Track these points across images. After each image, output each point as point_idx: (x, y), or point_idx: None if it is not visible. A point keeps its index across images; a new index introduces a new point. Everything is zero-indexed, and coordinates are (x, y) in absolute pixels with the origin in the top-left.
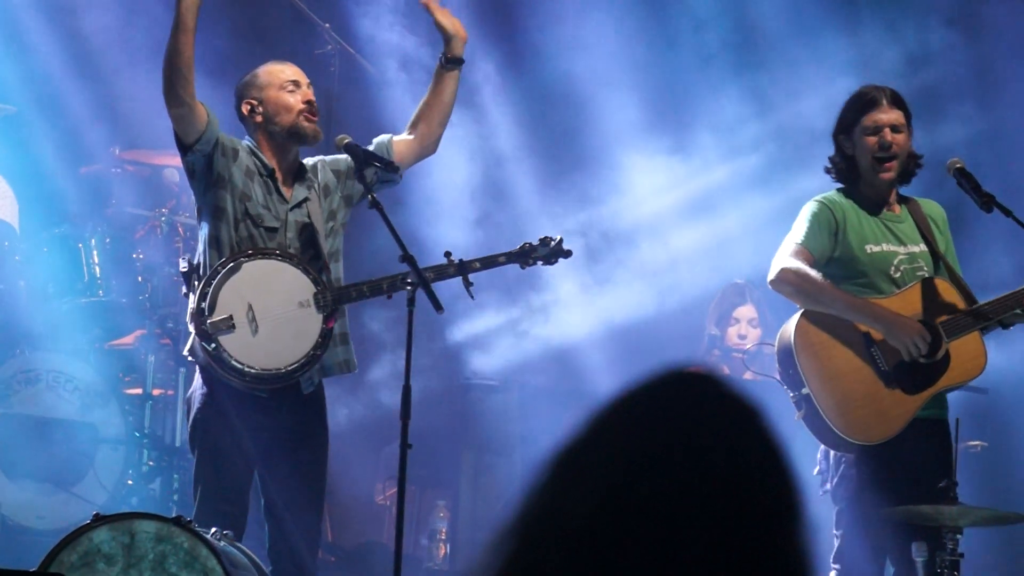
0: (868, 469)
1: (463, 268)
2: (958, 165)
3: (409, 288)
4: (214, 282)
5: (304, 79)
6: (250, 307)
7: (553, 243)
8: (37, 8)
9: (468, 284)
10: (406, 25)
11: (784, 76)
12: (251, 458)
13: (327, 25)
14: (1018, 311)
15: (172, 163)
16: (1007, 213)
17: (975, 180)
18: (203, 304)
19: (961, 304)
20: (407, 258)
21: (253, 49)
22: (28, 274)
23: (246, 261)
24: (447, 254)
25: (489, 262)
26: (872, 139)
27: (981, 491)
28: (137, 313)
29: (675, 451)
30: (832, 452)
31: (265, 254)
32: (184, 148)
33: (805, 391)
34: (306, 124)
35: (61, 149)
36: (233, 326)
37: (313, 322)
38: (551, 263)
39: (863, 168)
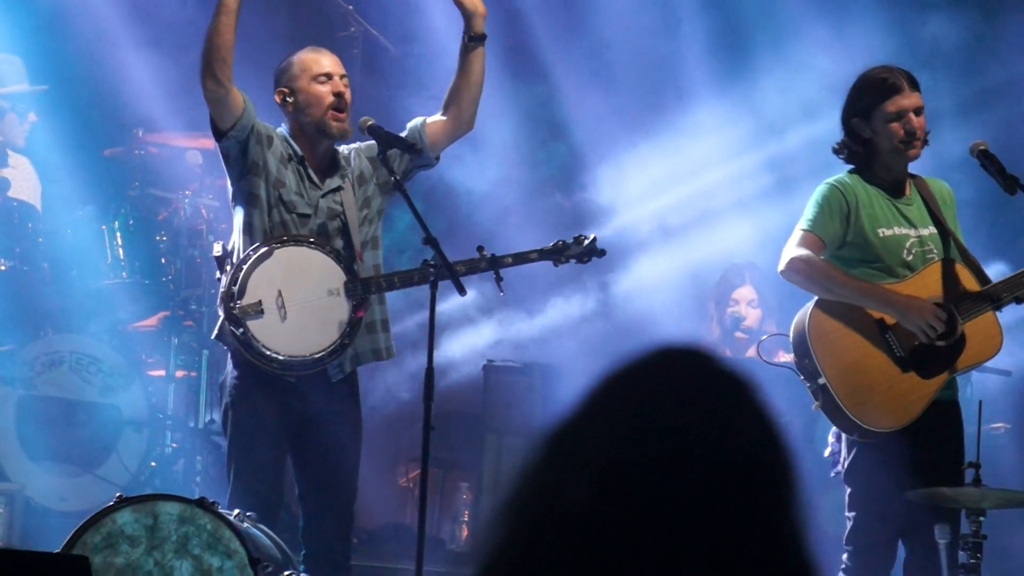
0: (881, 452)
1: (495, 263)
2: (982, 147)
3: (433, 271)
4: (245, 267)
5: (338, 69)
6: (280, 293)
7: (587, 241)
8: None
9: (499, 279)
10: (431, 6)
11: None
12: (282, 440)
13: (350, 7)
14: None
15: (195, 145)
16: None
17: (999, 162)
18: (233, 288)
19: (974, 284)
20: (430, 240)
21: (276, 32)
22: (52, 256)
23: (278, 248)
24: (479, 248)
25: (521, 258)
26: (896, 125)
27: (1004, 473)
28: (160, 295)
29: (668, 426)
30: (844, 434)
31: (298, 241)
32: (219, 133)
33: (822, 381)
34: (333, 123)
35: (85, 131)
36: (262, 311)
37: (342, 311)
38: (584, 262)
39: (884, 151)
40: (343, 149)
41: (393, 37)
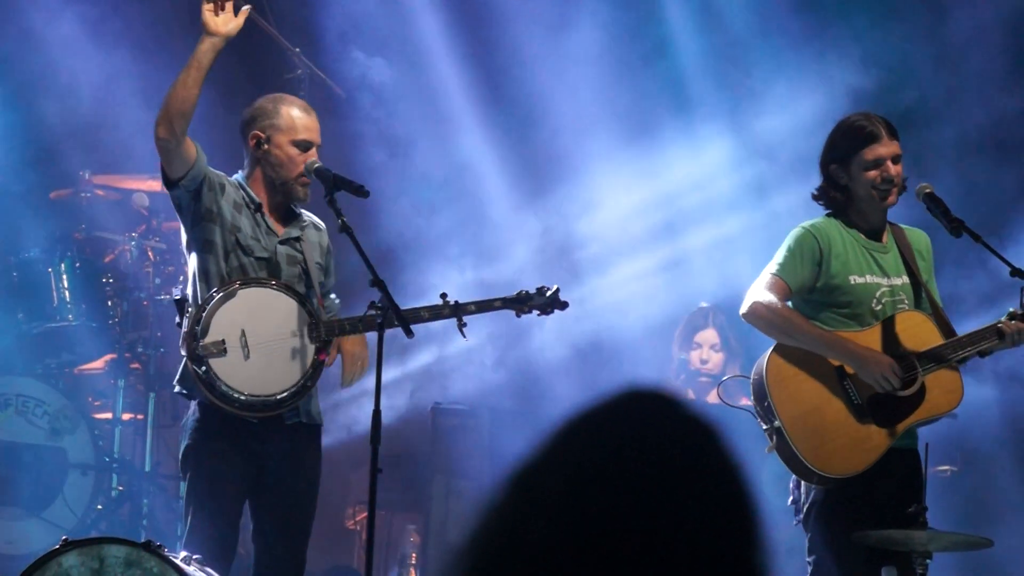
0: (839, 497)
1: (458, 310)
2: (927, 190)
3: (379, 312)
4: (208, 306)
5: (317, 139)
6: (243, 333)
7: (549, 293)
8: (9, 31)
9: (462, 325)
10: (377, 49)
11: (755, 96)
12: (242, 483)
13: (297, 50)
14: (995, 341)
15: (142, 187)
16: (976, 238)
17: (944, 205)
18: (196, 327)
19: (938, 337)
20: (377, 282)
21: (221, 73)
22: None
23: (242, 288)
24: (443, 295)
25: (484, 306)
26: (873, 173)
27: (950, 516)
28: (107, 338)
29: (631, 469)
30: (802, 480)
31: (261, 282)
32: (170, 182)
33: (777, 424)
34: (300, 189)
35: (31, 173)
36: (225, 350)
37: (305, 352)
38: (547, 313)
39: (860, 198)
40: (305, 213)
41: (340, 80)
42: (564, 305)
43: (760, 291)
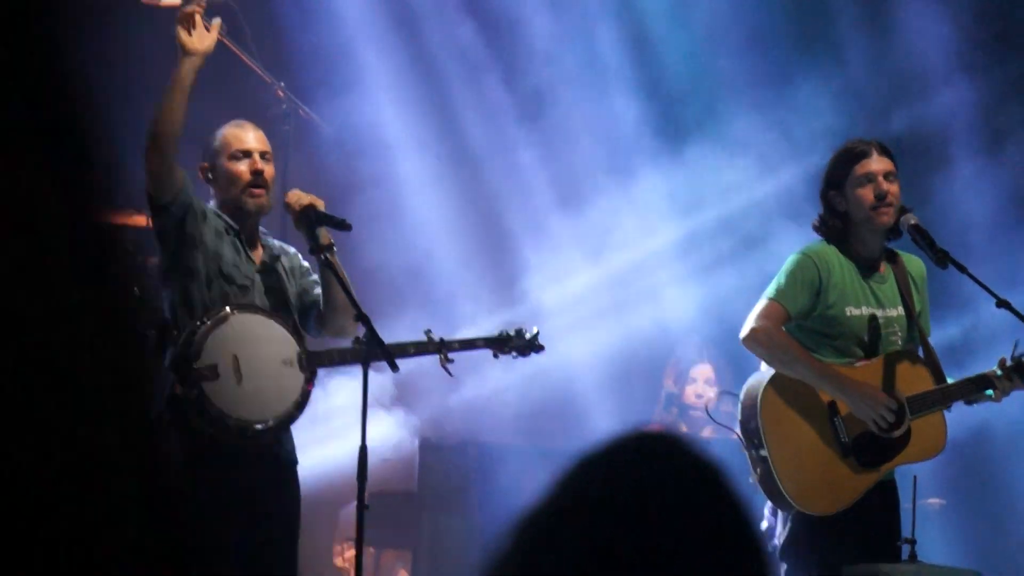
0: (816, 529)
1: (443, 347)
2: (912, 221)
3: (363, 347)
4: (201, 330)
5: (259, 146)
6: (235, 359)
7: (528, 335)
8: None
9: (446, 362)
10: (362, 81)
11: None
12: (229, 513)
13: (281, 83)
14: (987, 392)
15: (128, 223)
16: (961, 269)
17: (930, 236)
18: (188, 351)
19: (929, 381)
20: (361, 317)
21: (203, 107)
22: None
23: (234, 314)
24: (427, 332)
25: (468, 344)
26: (865, 190)
27: (939, 548)
28: None
29: (639, 511)
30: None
31: (254, 308)
32: (157, 207)
33: (764, 453)
34: (249, 200)
35: None
36: (218, 375)
37: (295, 381)
38: (524, 355)
39: (858, 221)
40: (275, 242)
41: (324, 114)
42: (541, 348)
43: (760, 318)
